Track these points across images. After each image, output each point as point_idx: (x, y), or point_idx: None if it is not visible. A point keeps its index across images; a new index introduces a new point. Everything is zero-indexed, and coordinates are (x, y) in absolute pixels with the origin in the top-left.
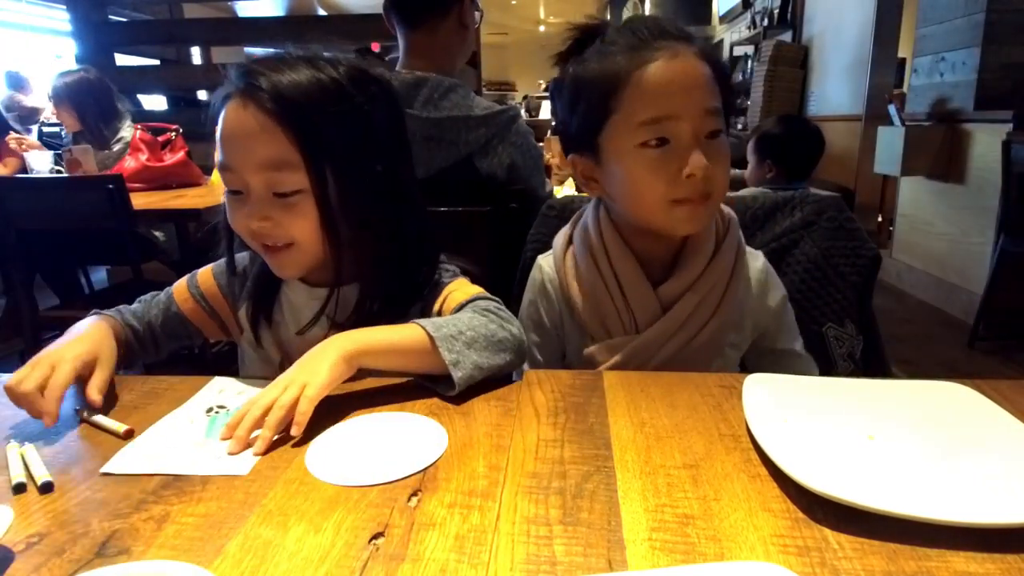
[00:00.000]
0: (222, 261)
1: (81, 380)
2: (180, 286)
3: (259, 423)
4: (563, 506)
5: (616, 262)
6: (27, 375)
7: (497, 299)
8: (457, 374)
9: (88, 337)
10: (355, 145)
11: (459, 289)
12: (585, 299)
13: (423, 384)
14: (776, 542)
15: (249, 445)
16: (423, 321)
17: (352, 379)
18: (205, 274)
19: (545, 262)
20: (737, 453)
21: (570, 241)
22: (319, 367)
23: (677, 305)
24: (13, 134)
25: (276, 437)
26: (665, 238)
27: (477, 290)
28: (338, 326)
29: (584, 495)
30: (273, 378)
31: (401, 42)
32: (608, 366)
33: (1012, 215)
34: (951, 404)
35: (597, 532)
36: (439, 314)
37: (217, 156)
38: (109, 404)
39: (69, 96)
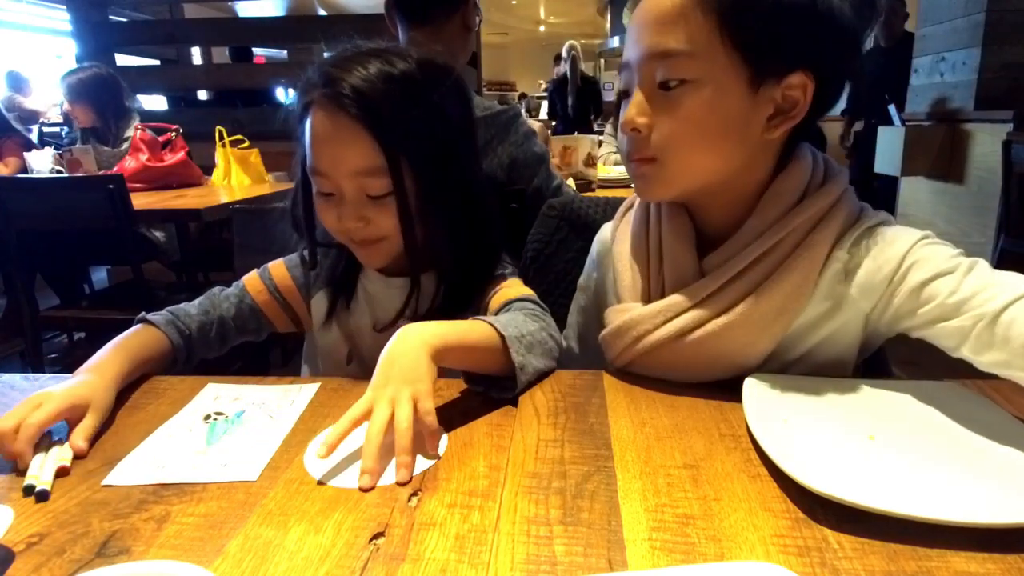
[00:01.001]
0: (293, 256)
1: (68, 423)
2: (252, 279)
3: (383, 447)
4: (563, 506)
5: (666, 224)
6: (11, 413)
7: (543, 304)
8: (522, 378)
9: (86, 383)
10: (433, 143)
11: (512, 287)
12: (623, 263)
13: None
14: (776, 542)
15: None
16: (488, 319)
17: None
18: (278, 267)
19: (605, 226)
20: (737, 453)
21: (632, 203)
22: (417, 371)
23: (707, 276)
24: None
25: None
26: (728, 202)
27: (528, 291)
28: (418, 317)
29: (584, 495)
30: (330, 370)
31: (402, 41)
32: (606, 334)
33: (1012, 215)
34: (951, 404)
35: (597, 532)
36: (487, 305)
37: (308, 160)
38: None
39: (86, 91)
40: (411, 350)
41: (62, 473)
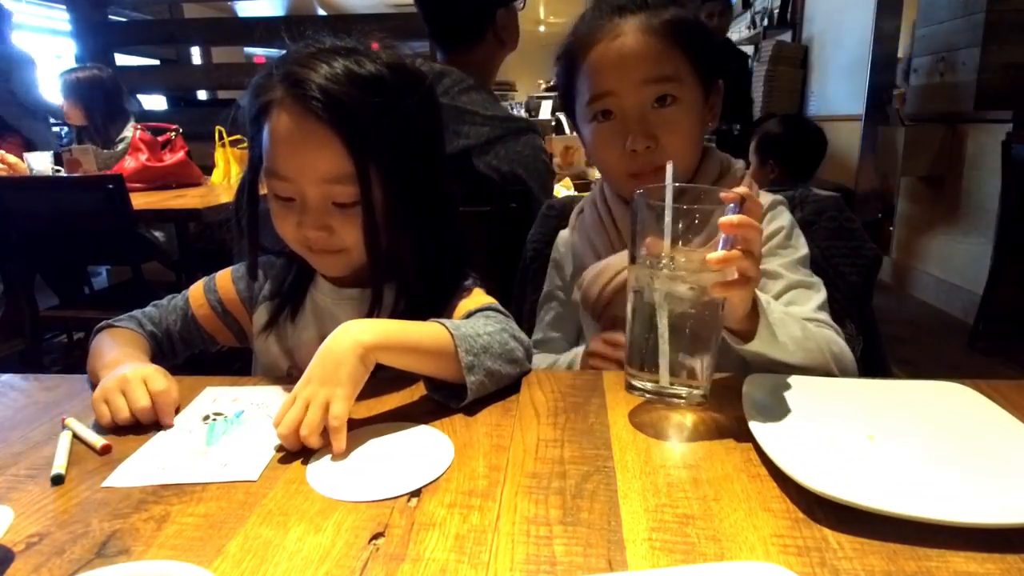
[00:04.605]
0: (240, 265)
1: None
2: (196, 291)
3: (296, 437)
4: (563, 506)
5: (616, 209)
6: (120, 405)
7: (506, 312)
8: (470, 379)
9: (153, 367)
10: (404, 151)
11: (473, 298)
12: (588, 247)
13: (430, 396)
14: (776, 542)
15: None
16: (440, 320)
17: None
18: (224, 278)
19: (562, 232)
20: (737, 453)
21: (581, 209)
22: (339, 374)
23: None
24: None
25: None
26: None
27: (489, 300)
28: None
29: (584, 495)
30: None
31: (439, 60)
32: (587, 279)
33: (1012, 215)
34: (951, 404)
35: (597, 532)
36: (449, 317)
37: (267, 163)
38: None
39: (80, 92)
40: (340, 350)
41: (105, 451)
